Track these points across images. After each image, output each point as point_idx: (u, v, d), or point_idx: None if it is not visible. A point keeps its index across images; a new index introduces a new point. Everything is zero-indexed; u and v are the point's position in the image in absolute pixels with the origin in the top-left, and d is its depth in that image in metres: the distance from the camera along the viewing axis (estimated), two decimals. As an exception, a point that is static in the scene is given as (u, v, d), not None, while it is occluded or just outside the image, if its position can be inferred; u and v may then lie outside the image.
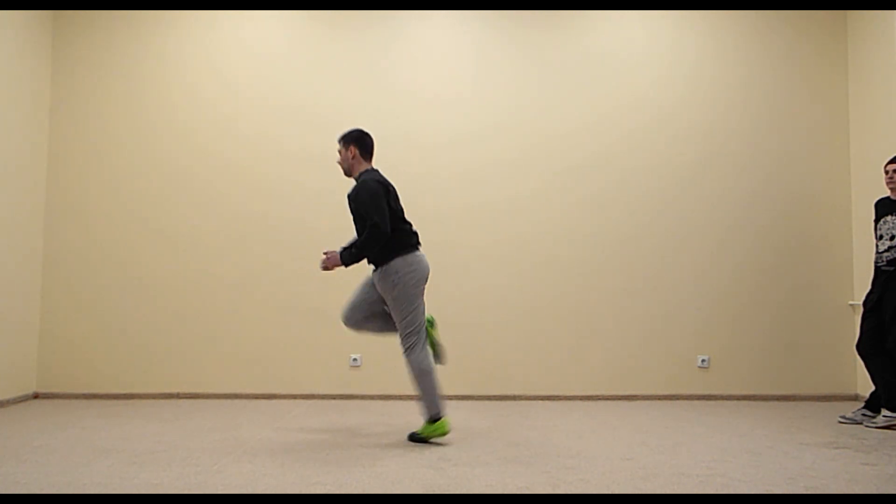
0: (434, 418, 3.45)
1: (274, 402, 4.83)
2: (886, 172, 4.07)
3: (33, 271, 4.92)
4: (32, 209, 4.91)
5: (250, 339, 5.00)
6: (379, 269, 3.45)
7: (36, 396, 4.94)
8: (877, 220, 4.15)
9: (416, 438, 3.52)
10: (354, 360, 4.97)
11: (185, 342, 4.99)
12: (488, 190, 5.05)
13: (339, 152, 3.56)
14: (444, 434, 3.47)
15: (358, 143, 3.52)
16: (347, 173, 3.59)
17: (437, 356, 3.64)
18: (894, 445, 3.48)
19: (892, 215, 4.04)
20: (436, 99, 5.11)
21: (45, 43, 5.03)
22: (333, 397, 4.95)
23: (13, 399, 4.68)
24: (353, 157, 3.52)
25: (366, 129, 3.60)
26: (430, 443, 3.49)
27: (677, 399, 4.98)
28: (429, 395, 3.42)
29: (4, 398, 4.59)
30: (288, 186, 5.06)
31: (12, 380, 4.69)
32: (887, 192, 4.47)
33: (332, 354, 4.98)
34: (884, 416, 3.96)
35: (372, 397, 4.95)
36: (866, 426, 3.99)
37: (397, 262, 3.41)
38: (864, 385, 4.87)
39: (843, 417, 4.13)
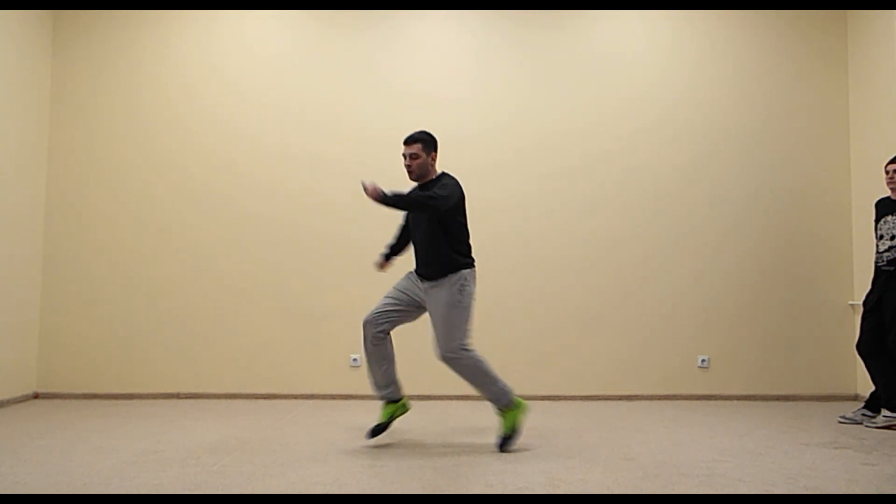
0: (513, 403, 3.36)
1: (274, 402, 4.83)
2: (887, 172, 4.07)
3: (33, 271, 4.92)
4: (32, 209, 4.91)
5: (250, 339, 4.99)
6: (441, 280, 3.31)
7: (36, 396, 4.94)
8: (877, 220, 4.15)
9: (507, 439, 3.33)
10: (354, 360, 4.97)
11: (185, 342, 4.99)
12: (488, 190, 5.05)
13: (412, 156, 3.32)
14: (526, 409, 3.40)
15: (436, 148, 3.40)
16: (418, 178, 3.38)
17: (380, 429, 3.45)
18: (894, 445, 3.48)
19: (892, 215, 4.04)
20: (436, 99, 5.11)
21: (45, 43, 5.03)
22: (333, 397, 4.95)
23: (13, 399, 4.68)
24: (433, 162, 3.39)
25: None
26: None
27: (677, 399, 4.98)
28: (498, 382, 3.33)
29: (4, 398, 4.59)
30: (288, 186, 5.06)
31: (12, 380, 4.69)
32: (887, 192, 4.47)
33: (332, 354, 4.98)
34: (884, 416, 3.96)
35: (372, 397, 4.95)
36: (866, 426, 3.99)
37: (467, 272, 3.35)
38: (864, 385, 4.86)
39: (843, 417, 4.13)
